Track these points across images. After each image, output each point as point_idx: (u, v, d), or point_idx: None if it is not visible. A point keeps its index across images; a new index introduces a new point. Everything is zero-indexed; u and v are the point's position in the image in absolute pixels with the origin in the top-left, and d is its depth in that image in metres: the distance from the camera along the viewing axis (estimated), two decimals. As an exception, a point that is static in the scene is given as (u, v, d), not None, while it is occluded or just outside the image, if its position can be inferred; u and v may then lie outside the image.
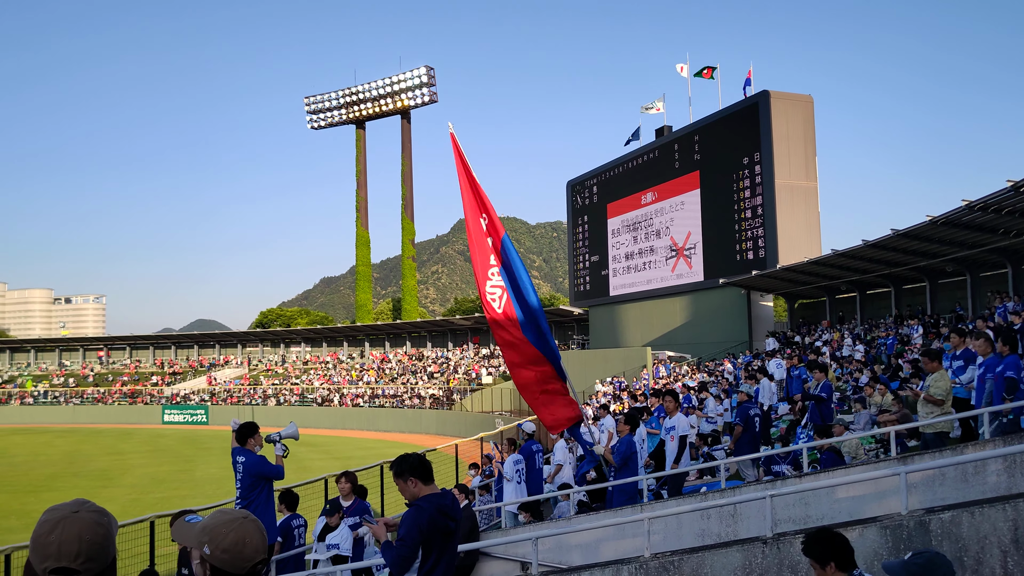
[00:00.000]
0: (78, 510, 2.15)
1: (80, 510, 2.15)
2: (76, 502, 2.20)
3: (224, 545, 2.34)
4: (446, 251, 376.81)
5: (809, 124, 36.81)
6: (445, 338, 69.61)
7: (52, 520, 2.12)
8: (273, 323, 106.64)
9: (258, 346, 79.14)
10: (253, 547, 2.37)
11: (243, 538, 2.35)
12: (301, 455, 36.43)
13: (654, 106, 45.61)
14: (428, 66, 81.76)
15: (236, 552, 2.34)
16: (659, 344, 42.00)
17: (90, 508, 2.18)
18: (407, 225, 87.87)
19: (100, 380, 73.64)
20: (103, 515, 2.19)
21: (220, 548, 2.34)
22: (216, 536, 2.36)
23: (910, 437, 11.68)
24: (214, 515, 2.44)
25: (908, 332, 24.79)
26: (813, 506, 8.41)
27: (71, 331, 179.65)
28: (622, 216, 47.38)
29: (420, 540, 4.75)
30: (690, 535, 8.84)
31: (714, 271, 39.13)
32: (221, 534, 2.36)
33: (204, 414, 62.63)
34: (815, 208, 36.56)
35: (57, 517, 2.12)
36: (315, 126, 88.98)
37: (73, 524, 2.11)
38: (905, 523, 6.18)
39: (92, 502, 2.22)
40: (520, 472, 12.47)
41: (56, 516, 2.13)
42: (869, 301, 35.03)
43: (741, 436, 12.88)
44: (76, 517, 2.13)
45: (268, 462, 8.76)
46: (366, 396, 59.72)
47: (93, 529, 2.13)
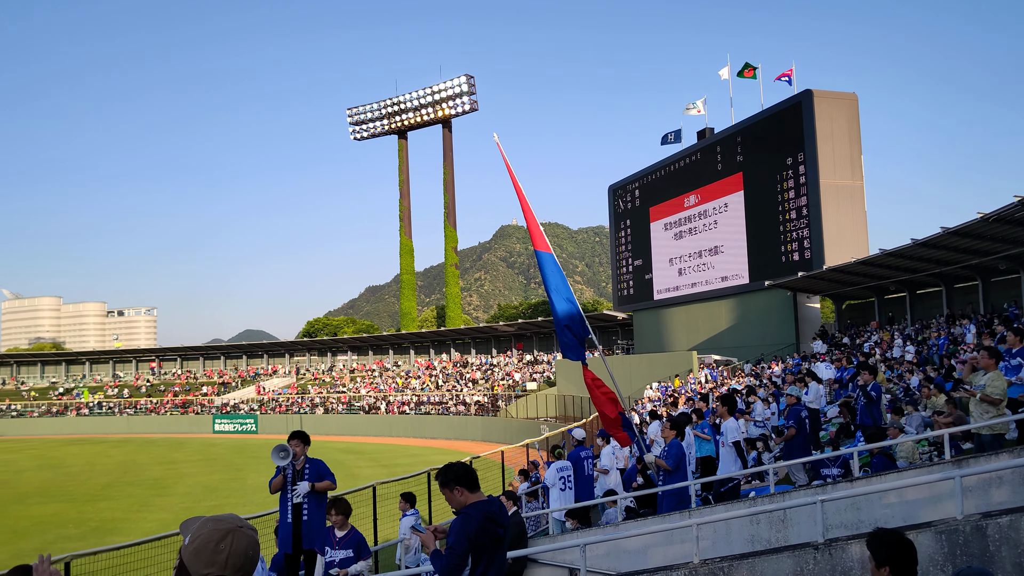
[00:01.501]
0: (242, 525, 2.19)
1: (244, 526, 2.20)
2: (233, 517, 2.22)
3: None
4: (488, 258, 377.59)
5: (854, 122, 36.26)
6: (489, 345, 69.78)
7: (222, 530, 2.15)
8: (320, 332, 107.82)
9: (305, 355, 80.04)
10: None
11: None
12: (348, 463, 36.78)
13: (695, 107, 45.31)
14: (468, 75, 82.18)
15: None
16: (705, 348, 41.63)
17: (249, 526, 2.21)
18: (450, 233, 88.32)
19: (152, 391, 75.09)
20: (256, 533, 2.23)
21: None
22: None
23: (964, 439, 11.43)
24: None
25: (961, 332, 24.27)
26: (865, 511, 8.27)
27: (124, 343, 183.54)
28: (665, 219, 47.09)
29: (469, 548, 4.77)
30: (740, 541, 8.75)
31: (759, 273, 38.69)
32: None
33: (253, 423, 63.49)
34: (861, 207, 35.98)
35: (226, 528, 2.16)
36: (358, 137, 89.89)
37: (242, 539, 2.16)
38: (961, 528, 6.06)
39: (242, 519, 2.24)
40: (566, 479, 12.45)
41: (225, 527, 2.16)
42: (919, 301, 34.35)
43: (793, 439, 12.71)
44: (243, 532, 2.17)
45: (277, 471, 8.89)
46: (412, 403, 60.07)
47: (254, 547, 2.20)
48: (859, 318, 38.16)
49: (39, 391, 77.85)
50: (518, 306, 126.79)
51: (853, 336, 33.05)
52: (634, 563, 9.32)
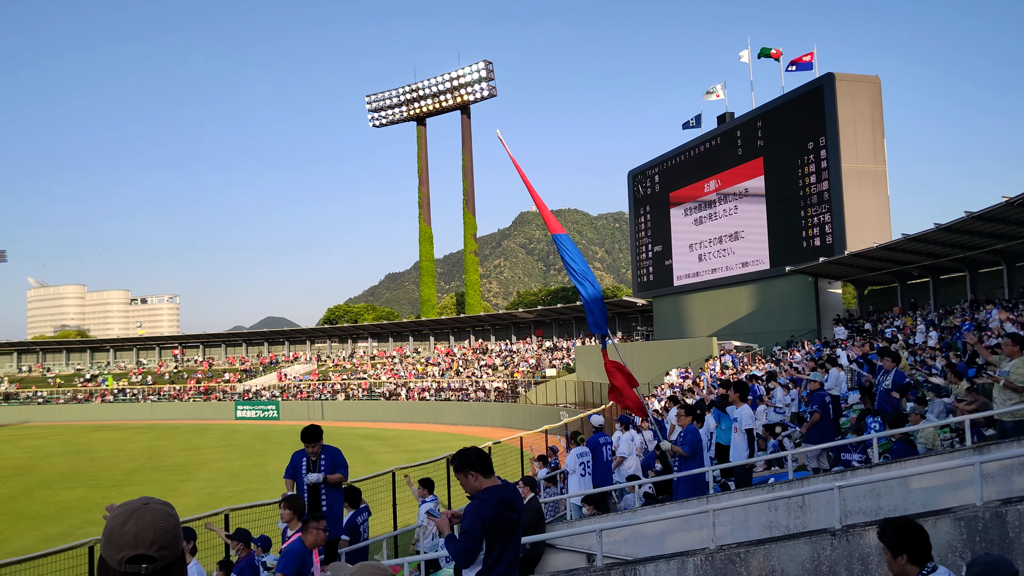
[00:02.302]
0: (148, 502, 2.20)
1: (150, 502, 2.20)
2: (142, 498, 2.23)
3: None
4: (508, 244, 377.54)
5: (876, 106, 35.83)
6: (508, 331, 69.86)
7: (124, 512, 2.15)
8: (340, 319, 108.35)
9: (326, 342, 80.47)
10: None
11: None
12: (369, 448, 37.04)
13: (715, 91, 44.96)
14: (487, 60, 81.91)
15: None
16: (725, 334, 41.45)
17: (158, 501, 2.22)
18: (469, 219, 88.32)
19: (175, 378, 75.83)
20: (171, 507, 2.24)
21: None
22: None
23: (987, 426, 11.32)
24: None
25: (984, 317, 24.01)
26: (884, 497, 8.22)
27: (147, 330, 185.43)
28: (684, 205, 46.86)
29: (483, 532, 4.79)
30: (757, 527, 8.74)
31: (780, 259, 38.43)
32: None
33: (275, 410, 63.97)
34: (884, 192, 35.61)
35: (129, 509, 2.16)
36: (377, 124, 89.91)
37: (146, 513, 2.15)
38: (980, 514, 6.01)
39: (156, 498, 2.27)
40: (585, 465, 12.46)
41: (127, 508, 2.16)
42: (943, 286, 34.00)
43: (816, 424, 12.65)
44: (147, 508, 2.17)
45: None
46: (432, 390, 60.30)
47: (165, 518, 2.18)
48: (882, 304, 37.83)
49: (64, 378, 78.83)
50: (537, 292, 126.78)
51: (875, 322, 32.78)
52: (651, 549, 9.33)
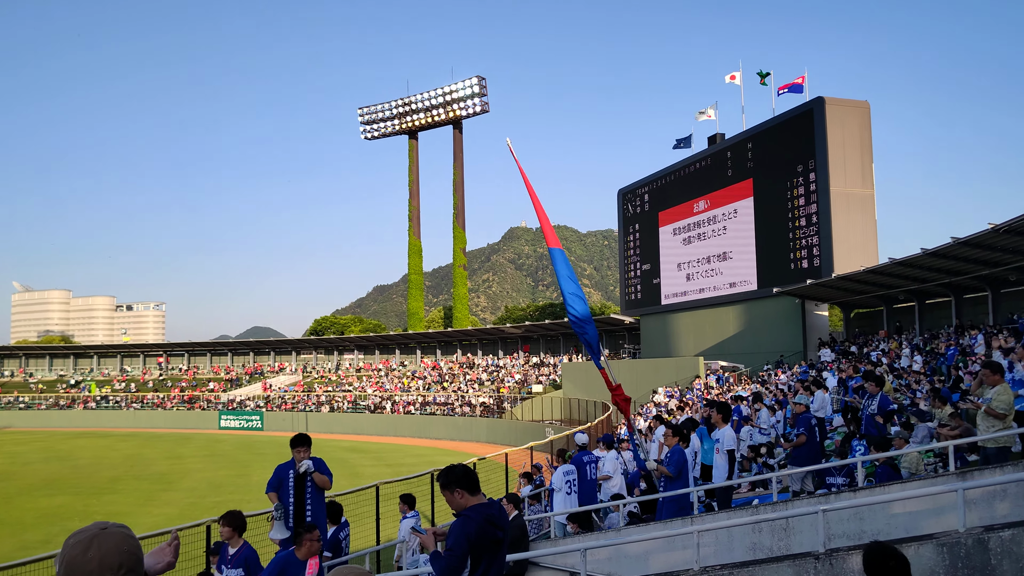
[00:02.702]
0: (105, 527, 2.17)
1: (107, 527, 2.18)
2: (97, 523, 2.20)
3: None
4: (497, 259, 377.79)
5: (866, 130, 36.16)
6: (496, 346, 69.80)
7: (83, 540, 2.12)
8: (327, 331, 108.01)
9: (312, 353, 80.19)
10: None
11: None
12: (353, 461, 36.86)
13: (706, 112, 45.26)
14: (480, 76, 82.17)
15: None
16: (712, 354, 41.55)
17: (115, 524, 2.20)
18: (458, 234, 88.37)
19: (159, 386, 75.36)
20: (128, 529, 2.22)
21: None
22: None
23: (970, 451, 11.38)
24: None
25: (969, 343, 24.16)
26: (868, 521, 8.25)
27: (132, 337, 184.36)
28: (674, 224, 47.04)
29: (468, 550, 4.78)
30: (741, 548, 8.74)
31: (768, 280, 38.60)
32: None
33: (259, 420, 63.62)
34: (872, 216, 35.86)
35: (87, 536, 2.13)
36: (369, 136, 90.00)
37: (107, 538, 2.13)
38: (963, 541, 6.04)
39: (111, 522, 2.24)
40: (571, 483, 12.45)
41: (86, 536, 2.14)
42: (928, 311, 34.21)
43: (801, 446, 12.68)
44: (107, 533, 2.15)
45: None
46: (418, 403, 60.12)
47: (128, 541, 2.16)
48: (867, 327, 38.02)
49: (47, 384, 78.22)
50: (525, 308, 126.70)
51: (861, 345, 32.92)
52: (635, 568, 9.31)
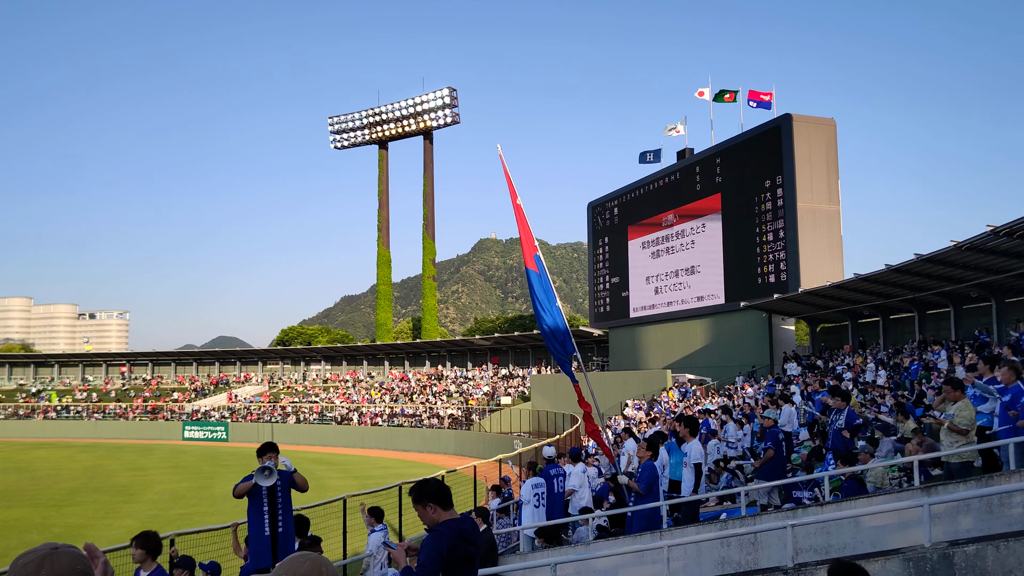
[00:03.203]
0: (56, 547, 2.11)
1: (59, 547, 2.12)
2: (47, 544, 2.14)
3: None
4: (466, 271, 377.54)
5: (832, 147, 36.70)
6: (464, 358, 69.67)
7: (35, 560, 2.06)
8: (294, 341, 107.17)
9: (279, 364, 79.50)
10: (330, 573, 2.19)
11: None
12: (319, 473, 36.51)
13: (675, 128, 45.67)
14: (451, 87, 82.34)
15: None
16: (679, 367, 41.79)
17: (65, 546, 2.14)
18: (428, 244, 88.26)
19: (122, 396, 74.22)
20: (78, 549, 2.16)
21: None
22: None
23: (934, 465, 11.54)
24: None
25: (932, 358, 24.54)
26: (835, 535, 8.32)
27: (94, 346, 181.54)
28: (643, 238, 47.34)
29: (440, 566, 4.75)
30: (710, 563, 8.77)
31: (735, 294, 38.96)
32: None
33: (224, 431, 62.89)
34: (838, 232, 36.36)
35: (38, 556, 2.07)
36: (338, 146, 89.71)
37: (61, 558, 2.07)
38: (928, 556, 6.11)
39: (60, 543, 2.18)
40: (539, 496, 12.43)
41: (36, 556, 2.07)
42: (892, 326, 34.72)
43: (770, 460, 12.77)
44: (59, 553, 2.09)
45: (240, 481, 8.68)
46: (385, 415, 59.78)
47: (80, 561, 2.11)
48: (833, 341, 38.49)
49: (6, 393, 76.68)
50: (495, 320, 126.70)
51: (827, 359, 33.32)
52: (604, 583, 9.31)
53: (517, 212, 10.95)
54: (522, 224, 10.97)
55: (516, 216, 10.95)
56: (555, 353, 10.74)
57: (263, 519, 8.51)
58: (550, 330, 10.66)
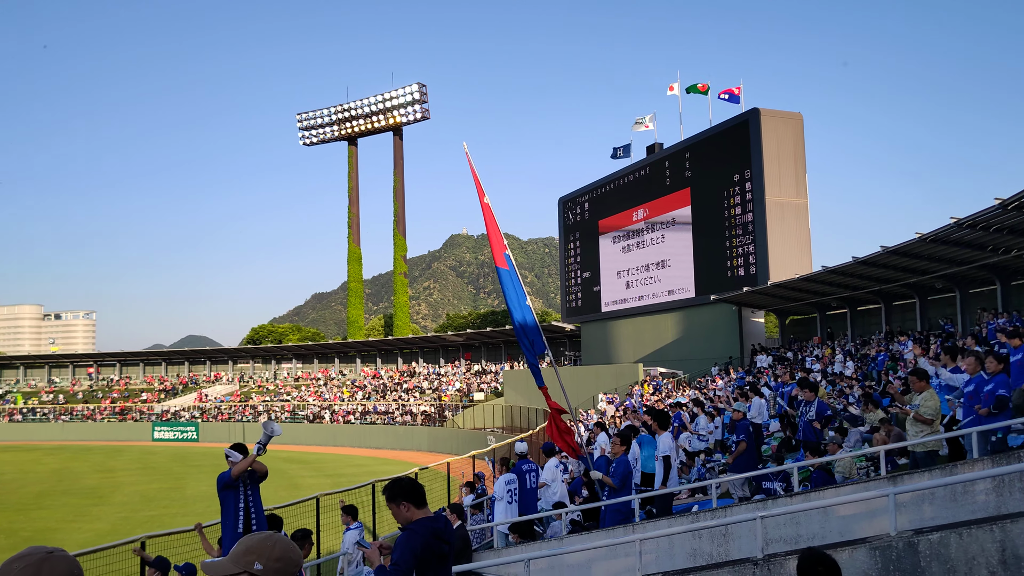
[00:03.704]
0: (51, 551, 2.11)
1: (53, 551, 2.11)
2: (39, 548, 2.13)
3: (276, 555, 2.45)
4: (438, 267, 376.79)
5: (799, 141, 37.07)
6: (437, 354, 69.57)
7: (32, 564, 2.05)
8: (264, 339, 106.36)
9: (249, 362, 78.89)
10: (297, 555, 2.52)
11: (287, 549, 2.50)
12: (292, 472, 36.33)
13: (644, 122, 45.84)
14: (420, 83, 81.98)
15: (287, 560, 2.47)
16: (651, 360, 42.04)
17: (59, 550, 2.14)
18: (399, 241, 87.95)
19: (89, 397, 73.27)
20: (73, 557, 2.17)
21: (272, 558, 2.44)
22: (263, 551, 2.45)
23: (900, 455, 11.73)
24: (248, 538, 2.53)
25: (899, 348, 24.91)
26: (804, 525, 8.44)
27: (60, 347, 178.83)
28: (613, 232, 47.53)
29: (414, 564, 4.76)
30: (682, 555, 8.87)
31: (705, 287, 39.24)
32: (267, 547, 2.46)
33: (194, 431, 62.33)
34: (805, 225, 36.76)
35: (35, 560, 2.06)
36: (307, 142, 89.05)
37: (58, 562, 2.07)
38: (894, 544, 6.22)
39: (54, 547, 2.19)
40: (512, 492, 12.47)
41: (33, 560, 2.07)
42: (860, 317, 35.18)
43: (742, 453, 12.90)
44: (54, 557, 2.09)
45: (221, 475, 8.64)
46: (357, 413, 59.56)
47: (76, 567, 2.11)
48: (802, 333, 38.92)
49: (-30, 396, 75.44)
50: (467, 316, 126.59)
51: (796, 351, 33.68)
52: (578, 577, 9.38)
53: (485, 211, 10.93)
54: (490, 222, 10.95)
55: (484, 215, 10.93)
56: (525, 352, 10.74)
57: (238, 517, 8.48)
58: (520, 328, 10.67)
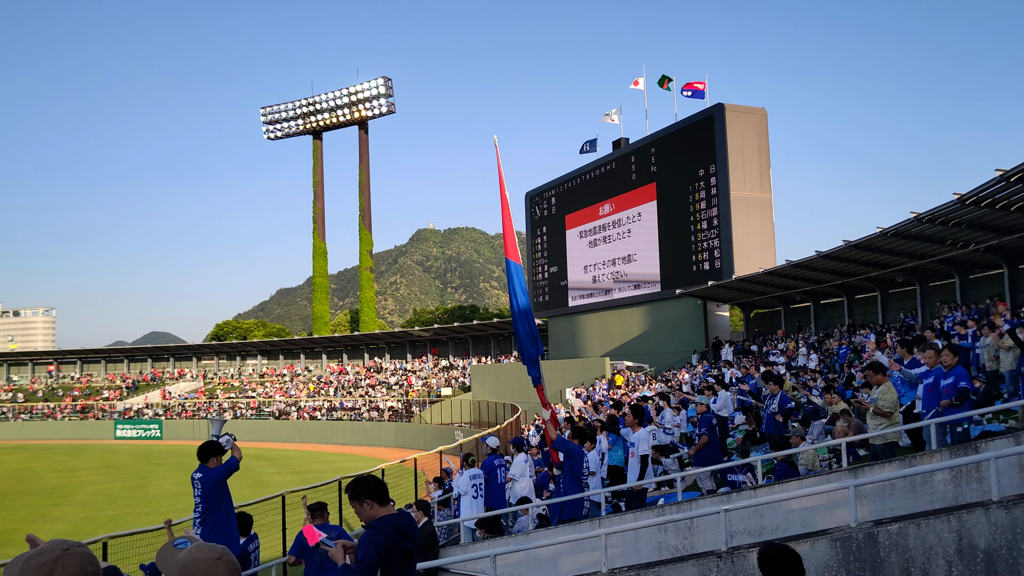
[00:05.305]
0: (68, 547, 2.11)
1: (69, 547, 2.11)
2: (56, 542, 2.14)
3: None
4: (404, 261, 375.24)
5: (763, 136, 37.41)
6: (404, 350, 69.35)
7: (47, 561, 2.05)
8: (229, 335, 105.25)
9: (214, 359, 78.09)
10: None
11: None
12: (258, 469, 36.03)
13: (610, 116, 46.00)
14: (386, 77, 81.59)
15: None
16: (618, 354, 42.25)
17: (77, 544, 2.15)
18: (365, 235, 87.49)
19: (50, 395, 72.05)
20: (90, 550, 2.17)
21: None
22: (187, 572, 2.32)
23: (861, 446, 11.90)
24: (191, 550, 2.39)
25: (861, 341, 25.25)
26: (768, 517, 8.54)
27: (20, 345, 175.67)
28: (580, 227, 47.67)
29: (378, 562, 4.74)
30: (648, 548, 8.93)
31: (671, 282, 39.51)
32: (191, 572, 2.32)
33: (158, 429, 61.57)
34: (769, 219, 37.11)
35: (51, 557, 2.06)
36: (272, 136, 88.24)
37: (73, 559, 2.07)
38: (854, 535, 6.32)
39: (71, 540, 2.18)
40: (477, 487, 12.47)
41: (49, 556, 2.07)
42: (823, 311, 35.63)
43: (704, 447, 12.99)
44: (71, 553, 2.09)
45: (223, 466, 8.65)
46: (324, 409, 59.21)
47: (92, 561, 2.12)
48: (767, 327, 39.33)
49: (-74, 395, 73.84)
50: (434, 311, 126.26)
51: (761, 344, 34.03)
52: (545, 571, 9.41)
53: (504, 205, 10.90)
54: (506, 217, 10.91)
55: (502, 209, 10.91)
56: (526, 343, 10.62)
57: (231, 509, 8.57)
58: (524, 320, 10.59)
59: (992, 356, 13.32)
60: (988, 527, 5.84)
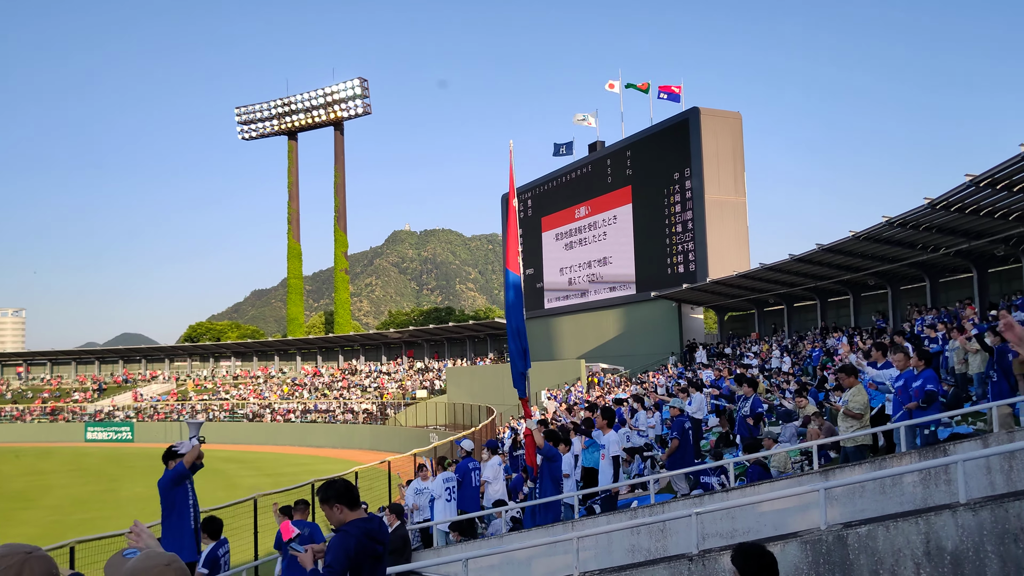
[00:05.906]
0: (31, 551, 2.11)
1: (33, 551, 2.12)
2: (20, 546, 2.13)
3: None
4: (380, 263, 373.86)
5: (738, 140, 37.68)
6: (379, 352, 69.08)
7: (14, 564, 2.05)
8: (202, 337, 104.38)
9: (186, 361, 77.38)
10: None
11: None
12: (231, 472, 35.73)
13: (586, 119, 46.11)
14: (362, 78, 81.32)
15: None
16: (593, 356, 42.35)
17: (36, 548, 2.15)
18: (340, 237, 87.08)
19: (19, 397, 71.04)
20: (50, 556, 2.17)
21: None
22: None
23: (832, 449, 12.00)
24: (140, 559, 2.35)
25: (833, 344, 25.48)
26: (739, 520, 8.58)
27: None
28: (556, 230, 47.75)
29: (348, 566, 4.72)
30: (620, 550, 8.94)
31: (646, 284, 39.67)
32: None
33: (129, 431, 60.91)
34: (744, 223, 37.38)
35: (17, 560, 2.06)
36: (246, 137, 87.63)
37: (38, 562, 2.08)
38: (824, 538, 6.36)
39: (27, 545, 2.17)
40: (451, 490, 12.44)
41: (15, 559, 2.06)
42: (796, 314, 35.92)
43: (676, 450, 13.01)
44: (35, 556, 2.09)
45: (169, 470, 8.50)
46: (298, 411, 58.84)
47: (55, 566, 2.13)
48: (741, 329, 39.58)
49: None
50: (409, 313, 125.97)
51: (735, 347, 34.24)
52: (518, 574, 9.39)
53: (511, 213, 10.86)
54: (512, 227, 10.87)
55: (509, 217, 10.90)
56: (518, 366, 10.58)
57: (189, 513, 8.42)
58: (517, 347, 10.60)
59: (961, 359, 13.50)
60: (955, 529, 5.90)
